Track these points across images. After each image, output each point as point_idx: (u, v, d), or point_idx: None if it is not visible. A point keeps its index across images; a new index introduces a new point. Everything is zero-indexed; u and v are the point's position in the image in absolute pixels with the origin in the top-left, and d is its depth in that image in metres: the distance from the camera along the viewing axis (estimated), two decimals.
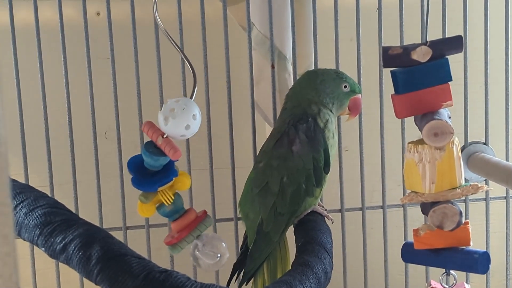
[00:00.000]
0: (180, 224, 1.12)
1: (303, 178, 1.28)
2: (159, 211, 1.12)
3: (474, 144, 1.61)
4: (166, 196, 1.09)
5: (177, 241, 1.12)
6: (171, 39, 1.13)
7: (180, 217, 1.12)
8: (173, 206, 1.11)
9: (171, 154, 1.03)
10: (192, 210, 1.14)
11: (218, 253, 1.13)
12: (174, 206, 1.11)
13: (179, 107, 1.04)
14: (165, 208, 1.11)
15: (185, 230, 1.12)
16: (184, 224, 1.12)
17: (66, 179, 1.52)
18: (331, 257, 1.19)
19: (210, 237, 1.14)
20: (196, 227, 1.12)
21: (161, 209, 1.11)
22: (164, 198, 1.09)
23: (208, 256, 1.13)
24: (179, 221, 1.12)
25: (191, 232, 1.12)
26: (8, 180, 0.52)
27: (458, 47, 1.04)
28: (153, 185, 1.08)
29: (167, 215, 1.12)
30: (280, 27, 1.51)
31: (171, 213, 1.12)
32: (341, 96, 1.32)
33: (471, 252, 1.07)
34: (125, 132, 1.49)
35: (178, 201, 1.11)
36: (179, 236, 1.12)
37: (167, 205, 1.10)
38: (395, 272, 1.60)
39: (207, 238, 1.13)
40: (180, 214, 1.12)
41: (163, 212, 1.12)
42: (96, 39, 1.51)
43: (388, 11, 1.52)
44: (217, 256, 1.13)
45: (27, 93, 1.47)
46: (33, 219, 1.03)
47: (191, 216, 1.13)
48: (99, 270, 0.97)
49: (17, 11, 1.46)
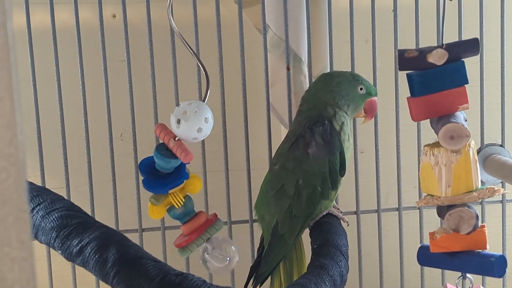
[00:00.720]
0: (190, 226, 1.13)
1: (319, 181, 1.27)
2: (170, 214, 1.12)
3: (491, 146, 1.60)
4: (176, 199, 1.10)
5: (187, 243, 1.12)
6: (185, 42, 1.13)
7: (191, 220, 1.13)
8: (184, 209, 1.11)
9: (182, 156, 1.03)
10: (203, 213, 1.14)
11: (228, 257, 1.13)
12: (184, 209, 1.11)
13: (191, 110, 1.04)
14: (176, 211, 1.12)
15: (195, 233, 1.12)
16: (194, 226, 1.13)
17: (82, 181, 1.53)
18: (346, 259, 1.19)
19: (220, 240, 1.14)
20: (206, 230, 1.13)
21: (171, 211, 1.12)
22: (175, 201, 1.10)
23: (218, 259, 1.13)
24: (189, 224, 1.13)
25: (201, 235, 1.12)
26: (26, 186, 0.53)
27: (474, 50, 1.04)
28: (164, 187, 1.09)
29: (177, 218, 1.13)
30: (296, 29, 1.51)
31: (181, 215, 1.12)
32: (356, 99, 1.32)
33: (487, 255, 1.06)
34: (141, 134, 1.49)
35: (189, 204, 1.12)
36: (188, 239, 1.13)
37: (178, 208, 1.11)
38: (410, 274, 1.60)
39: (217, 241, 1.14)
40: (190, 217, 1.13)
41: (173, 215, 1.12)
42: (112, 42, 1.51)
43: (404, 13, 1.52)
44: (226, 260, 1.13)
45: (43, 95, 1.48)
46: (49, 222, 1.04)
47: (201, 219, 1.13)
48: (115, 273, 0.98)
49: (33, 14, 1.47)
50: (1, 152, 0.52)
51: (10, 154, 0.52)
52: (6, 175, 0.52)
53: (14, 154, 0.52)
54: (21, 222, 0.53)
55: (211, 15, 1.48)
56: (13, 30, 0.51)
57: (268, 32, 1.52)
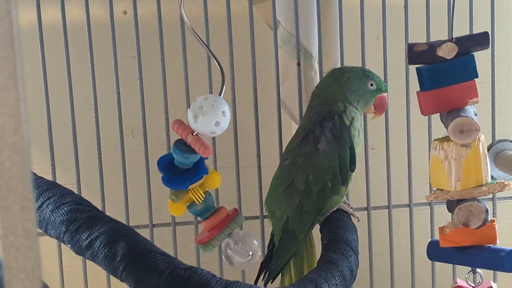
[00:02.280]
0: (211, 222, 1.12)
1: (329, 176, 1.27)
2: (190, 210, 1.12)
3: (502, 142, 1.60)
4: (197, 194, 1.09)
5: (209, 239, 1.12)
6: (198, 37, 1.13)
7: (211, 216, 1.12)
8: (204, 205, 1.11)
9: (201, 151, 1.03)
10: (223, 208, 1.13)
11: (250, 251, 1.12)
12: (205, 205, 1.11)
13: (208, 104, 1.04)
14: (196, 207, 1.11)
15: (216, 229, 1.12)
16: (216, 222, 1.12)
17: (93, 177, 1.53)
18: (356, 255, 1.18)
19: (242, 235, 1.14)
20: (228, 225, 1.12)
21: (192, 207, 1.11)
22: (195, 196, 1.09)
23: (240, 254, 1.13)
24: (210, 220, 1.12)
25: (222, 231, 1.12)
26: (30, 175, 0.53)
27: (484, 44, 1.03)
28: (184, 183, 1.08)
29: (198, 214, 1.12)
30: (306, 25, 1.51)
31: (202, 211, 1.11)
32: (367, 94, 1.32)
33: (497, 250, 1.06)
34: (151, 130, 1.50)
35: (209, 199, 1.11)
36: (210, 235, 1.12)
37: (198, 204, 1.10)
38: (422, 270, 1.59)
39: (239, 236, 1.13)
40: (211, 213, 1.12)
41: (194, 211, 1.12)
42: (122, 38, 1.51)
43: (415, 9, 1.51)
44: (248, 254, 1.13)
45: (54, 91, 1.48)
46: (59, 216, 1.04)
47: (222, 215, 1.12)
48: (124, 266, 0.98)
49: (44, 10, 1.47)
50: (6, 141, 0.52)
51: (15, 143, 0.52)
52: (11, 164, 0.52)
53: (19, 143, 0.52)
54: (26, 211, 0.53)
55: (222, 11, 1.48)
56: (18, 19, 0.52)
57: (278, 28, 1.52)
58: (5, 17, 0.50)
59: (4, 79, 0.51)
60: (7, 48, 0.51)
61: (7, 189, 0.52)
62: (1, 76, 0.51)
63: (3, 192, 0.52)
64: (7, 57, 0.51)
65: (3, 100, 0.52)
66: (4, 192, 0.52)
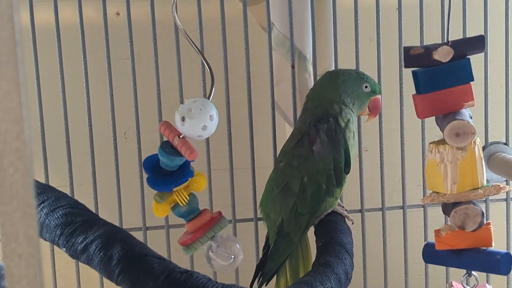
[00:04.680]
0: (194, 224, 1.12)
1: (324, 178, 1.27)
2: (174, 212, 1.12)
3: (495, 144, 1.60)
4: (181, 197, 1.09)
5: (191, 241, 1.12)
6: (190, 40, 1.13)
7: (195, 218, 1.12)
8: (188, 207, 1.11)
9: (187, 154, 1.03)
10: (207, 211, 1.14)
11: (232, 255, 1.13)
12: (189, 207, 1.11)
13: (196, 107, 1.04)
14: (180, 209, 1.11)
15: (199, 231, 1.12)
16: (199, 225, 1.12)
17: (86, 179, 1.53)
18: (351, 257, 1.18)
19: (225, 239, 1.14)
20: (211, 228, 1.12)
21: (176, 209, 1.12)
22: (179, 199, 1.09)
23: (222, 257, 1.13)
24: (194, 222, 1.13)
25: (205, 233, 1.12)
26: (33, 181, 0.52)
27: (480, 47, 1.04)
28: (169, 185, 1.08)
29: (182, 216, 1.12)
30: (300, 27, 1.50)
31: (186, 213, 1.12)
32: (361, 96, 1.32)
33: (493, 253, 1.06)
34: (144, 133, 1.49)
35: (193, 202, 1.12)
36: (193, 237, 1.12)
37: (182, 206, 1.10)
38: (415, 273, 1.59)
39: (222, 239, 1.14)
40: (195, 215, 1.12)
41: (178, 213, 1.12)
42: (115, 40, 1.51)
43: (408, 11, 1.51)
44: (231, 258, 1.13)
45: (47, 93, 1.47)
46: (54, 219, 1.04)
47: (206, 217, 1.13)
48: (120, 270, 0.98)
49: (37, 12, 1.46)
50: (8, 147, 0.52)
51: (17, 149, 0.52)
52: (13, 170, 0.52)
53: (21, 149, 0.52)
54: (28, 217, 0.52)
55: (216, 13, 1.48)
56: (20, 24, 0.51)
57: (272, 30, 1.52)
58: (8, 22, 0.50)
59: (7, 84, 0.51)
60: (9, 54, 0.50)
61: (10, 195, 0.52)
62: (3, 81, 0.51)
63: (5, 198, 0.52)
64: (9, 62, 0.50)
65: (6, 106, 0.51)
66: (6, 198, 0.52)
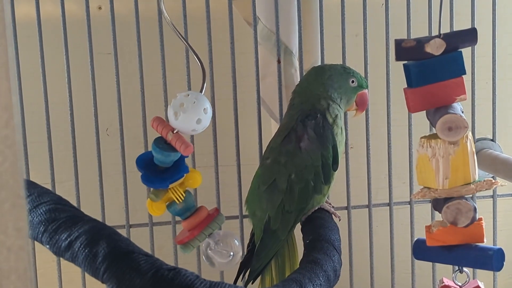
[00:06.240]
0: (191, 222, 1.10)
1: (311, 175, 1.26)
2: (170, 210, 1.10)
3: (482, 141, 1.60)
4: (177, 194, 1.07)
5: (189, 239, 1.10)
6: (178, 33, 1.11)
7: (192, 215, 1.10)
8: (184, 204, 1.09)
9: (182, 149, 1.01)
10: (204, 208, 1.11)
11: (231, 252, 1.11)
12: (185, 204, 1.09)
13: (189, 101, 1.02)
14: (176, 206, 1.09)
15: (197, 229, 1.10)
16: (196, 222, 1.10)
17: (67, 176, 1.50)
18: (339, 254, 1.17)
19: (223, 235, 1.12)
20: (208, 225, 1.10)
21: (171, 207, 1.09)
22: (175, 196, 1.07)
23: (221, 254, 1.11)
24: (191, 219, 1.10)
25: (203, 231, 1.10)
26: (23, 171, 0.50)
27: (472, 40, 1.03)
28: (164, 182, 1.06)
29: (178, 214, 1.10)
30: (286, 21, 1.49)
31: (182, 211, 1.10)
32: (348, 91, 1.31)
33: (485, 249, 1.05)
34: (127, 129, 1.47)
35: (189, 199, 1.09)
36: (190, 235, 1.10)
37: (178, 203, 1.08)
38: (400, 270, 1.58)
39: (220, 236, 1.11)
40: (191, 212, 1.10)
41: (174, 211, 1.10)
42: (98, 34, 1.48)
43: (394, 7, 1.50)
44: (230, 255, 1.11)
45: (27, 88, 1.45)
46: (37, 215, 1.01)
47: (202, 214, 1.11)
48: (106, 267, 0.95)
49: (18, 5, 1.44)
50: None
51: (6, 136, 0.50)
52: (2, 158, 0.50)
53: (11, 136, 0.50)
54: (18, 208, 0.50)
55: (200, 7, 1.46)
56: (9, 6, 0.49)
57: (258, 24, 1.50)
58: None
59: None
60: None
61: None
62: None
63: None
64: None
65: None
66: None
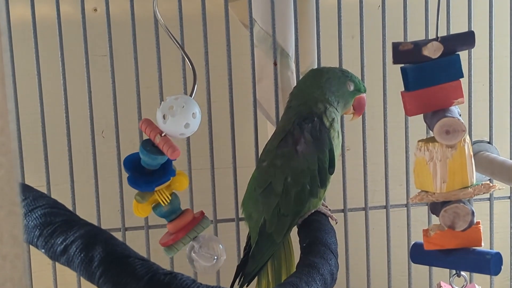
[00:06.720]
0: (176, 225, 1.11)
1: (308, 179, 1.25)
2: (155, 211, 1.11)
3: (479, 143, 1.59)
4: (163, 196, 1.08)
5: (173, 242, 1.11)
6: (171, 35, 1.11)
7: (177, 218, 1.11)
8: (170, 207, 1.10)
9: (169, 153, 1.01)
10: (189, 211, 1.12)
11: (215, 255, 1.11)
12: (171, 207, 1.10)
13: (178, 104, 1.02)
14: (162, 208, 1.10)
15: (181, 231, 1.11)
16: (181, 225, 1.11)
17: (62, 179, 1.49)
18: (336, 258, 1.17)
19: (207, 239, 1.12)
20: (193, 229, 1.11)
21: (157, 209, 1.10)
22: (161, 198, 1.08)
23: (205, 258, 1.11)
24: (176, 222, 1.11)
25: (187, 234, 1.11)
26: (19, 178, 0.49)
27: (470, 43, 1.02)
28: (150, 185, 1.07)
29: (163, 216, 1.11)
30: (283, 24, 1.49)
31: (167, 213, 1.10)
32: (346, 95, 1.30)
33: (483, 252, 1.05)
34: (123, 131, 1.46)
35: (175, 202, 1.10)
36: (175, 237, 1.11)
37: (164, 206, 1.09)
38: (397, 273, 1.58)
39: (204, 239, 1.12)
40: (177, 215, 1.11)
41: (159, 213, 1.10)
42: (93, 36, 1.48)
43: (391, 9, 1.50)
44: (213, 258, 1.11)
45: (22, 90, 1.44)
46: (32, 219, 1.00)
47: (188, 217, 1.11)
48: (101, 272, 0.95)
49: (13, 7, 1.43)
50: None
51: (2, 144, 0.49)
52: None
53: (6, 143, 0.49)
54: (13, 216, 0.50)
55: (196, 9, 1.46)
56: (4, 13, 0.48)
57: (254, 26, 1.50)
58: None
59: None
60: None
61: None
62: None
63: None
64: None
65: None
66: None
